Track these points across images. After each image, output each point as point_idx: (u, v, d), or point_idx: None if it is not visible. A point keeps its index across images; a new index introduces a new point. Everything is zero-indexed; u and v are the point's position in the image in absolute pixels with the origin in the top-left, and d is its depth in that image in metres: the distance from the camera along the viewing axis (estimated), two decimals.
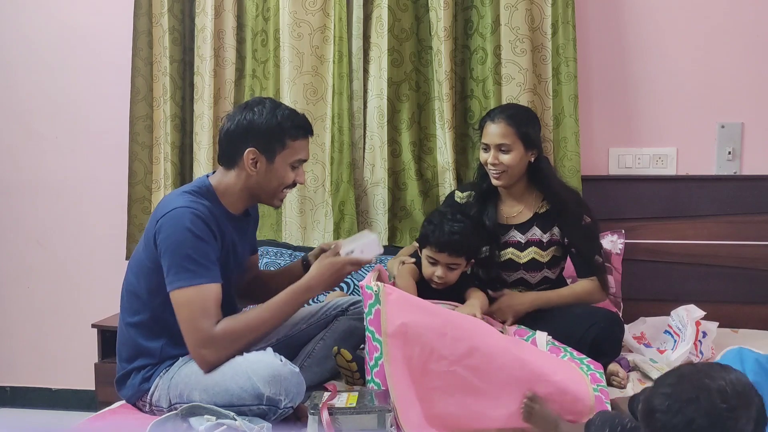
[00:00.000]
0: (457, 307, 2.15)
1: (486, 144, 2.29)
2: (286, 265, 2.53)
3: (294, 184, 2.01)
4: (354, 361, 1.99)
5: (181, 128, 3.00)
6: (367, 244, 1.98)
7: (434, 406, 1.83)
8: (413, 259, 2.30)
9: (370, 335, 1.87)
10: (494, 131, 2.26)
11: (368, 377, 1.89)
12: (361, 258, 1.97)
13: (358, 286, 2.34)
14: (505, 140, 2.24)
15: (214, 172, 2.05)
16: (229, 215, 1.98)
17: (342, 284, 2.53)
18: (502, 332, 2.06)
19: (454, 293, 2.24)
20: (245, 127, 1.92)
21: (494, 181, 2.30)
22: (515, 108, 2.40)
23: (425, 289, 2.21)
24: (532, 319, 2.24)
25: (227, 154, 1.96)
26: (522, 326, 2.22)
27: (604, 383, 1.94)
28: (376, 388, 1.85)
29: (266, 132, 1.92)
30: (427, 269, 2.21)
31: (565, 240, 2.31)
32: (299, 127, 1.96)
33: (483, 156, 2.31)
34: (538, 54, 2.70)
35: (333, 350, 2.03)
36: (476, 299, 2.19)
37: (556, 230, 2.32)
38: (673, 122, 2.78)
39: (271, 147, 1.93)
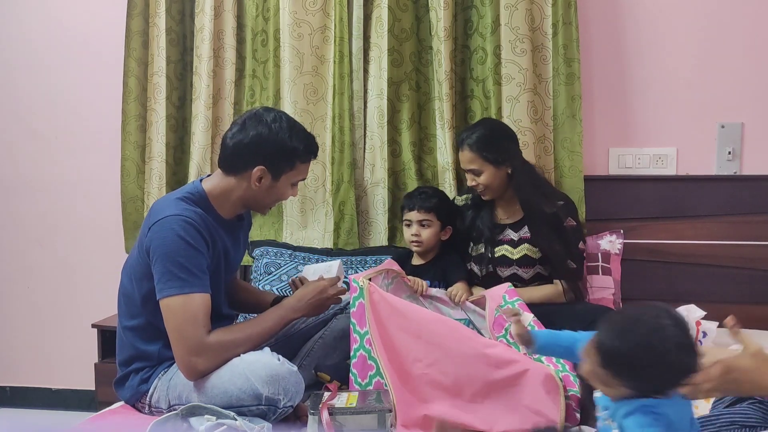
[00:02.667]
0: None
1: (462, 168, 2.45)
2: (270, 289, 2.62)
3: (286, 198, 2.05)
4: (334, 379, 2.03)
5: (178, 128, 3.00)
6: (324, 268, 2.10)
7: (419, 407, 1.86)
8: None
9: (351, 326, 1.97)
10: (463, 158, 2.42)
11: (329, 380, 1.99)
12: (339, 284, 2.06)
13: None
14: (473, 165, 2.38)
15: (207, 176, 2.04)
16: (222, 220, 1.97)
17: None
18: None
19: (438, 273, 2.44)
20: (259, 143, 1.89)
21: (482, 197, 2.45)
22: (481, 128, 2.42)
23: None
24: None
25: (232, 163, 1.94)
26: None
27: (576, 389, 1.89)
28: (354, 379, 1.94)
29: (279, 153, 1.92)
30: (406, 234, 2.48)
31: (534, 242, 2.40)
32: (311, 151, 1.99)
33: (466, 177, 2.46)
34: (539, 54, 2.70)
35: (312, 372, 2.06)
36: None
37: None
38: (673, 122, 2.78)
39: (280, 167, 1.93)
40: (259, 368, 1.75)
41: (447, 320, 2.02)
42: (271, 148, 1.90)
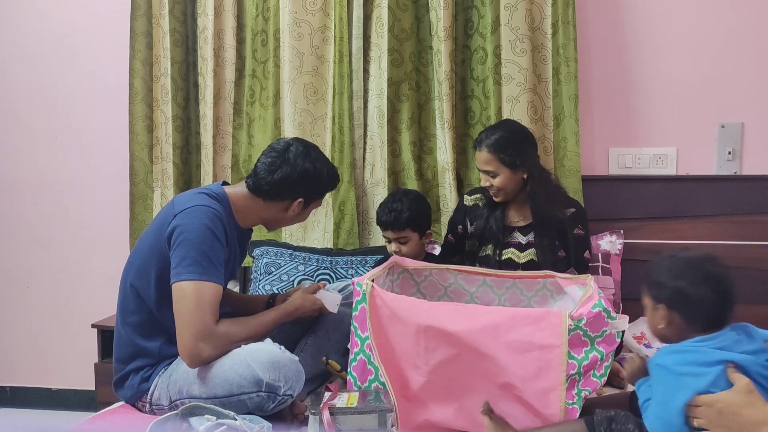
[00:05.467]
0: None
1: (478, 168, 2.40)
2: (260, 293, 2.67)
3: None
4: (344, 370, 2.04)
5: (183, 129, 3.00)
6: (330, 297, 2.16)
7: (420, 412, 1.85)
8: None
9: (353, 330, 1.96)
10: (479, 158, 2.35)
11: (348, 369, 1.97)
12: (328, 309, 2.15)
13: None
14: (489, 167, 2.32)
15: (225, 183, 2.08)
16: (237, 226, 2.02)
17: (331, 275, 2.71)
18: None
19: None
20: (306, 179, 2.00)
21: (495, 199, 2.39)
22: (500, 130, 2.36)
23: None
24: None
25: (272, 192, 2.00)
26: None
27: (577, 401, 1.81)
28: (353, 382, 1.93)
29: (318, 187, 2.06)
30: (388, 249, 2.46)
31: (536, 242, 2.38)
32: (336, 184, 2.14)
33: (481, 177, 2.40)
34: (538, 54, 2.71)
35: (323, 359, 2.10)
36: None
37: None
38: (673, 122, 2.79)
39: (313, 198, 2.07)
40: (260, 355, 1.77)
41: (449, 324, 1.95)
42: (313, 183, 2.03)
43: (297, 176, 1.99)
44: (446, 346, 1.83)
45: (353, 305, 1.97)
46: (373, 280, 1.96)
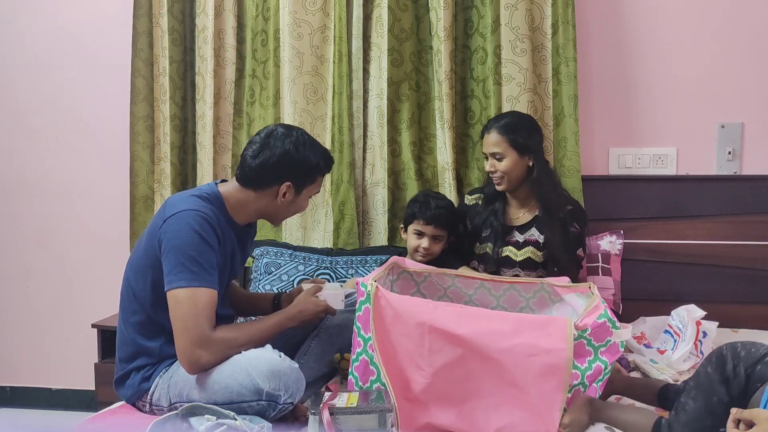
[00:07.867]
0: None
1: (484, 153, 2.45)
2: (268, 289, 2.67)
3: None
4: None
5: (181, 128, 3.00)
6: (334, 295, 2.11)
7: (422, 415, 1.84)
8: None
9: (356, 330, 1.96)
10: (488, 141, 2.41)
11: (349, 369, 1.96)
12: (333, 308, 2.09)
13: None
14: (497, 148, 2.37)
15: (221, 181, 2.07)
16: (233, 224, 2.01)
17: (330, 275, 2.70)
18: None
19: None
20: (287, 161, 1.96)
21: (497, 187, 2.43)
22: (510, 116, 2.47)
23: None
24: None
25: (257, 179, 1.98)
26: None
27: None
28: (354, 383, 1.93)
29: (305, 169, 2.00)
30: (413, 242, 2.46)
31: (542, 240, 2.42)
32: (329, 165, 2.08)
33: (485, 164, 2.45)
34: (538, 54, 2.71)
35: (335, 357, 2.08)
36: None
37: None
38: (673, 122, 2.79)
39: (303, 182, 2.02)
40: (260, 363, 1.76)
41: (453, 326, 1.90)
42: (297, 165, 1.98)
43: (277, 159, 1.95)
44: (451, 349, 1.82)
45: (357, 305, 1.97)
46: (375, 281, 1.96)
